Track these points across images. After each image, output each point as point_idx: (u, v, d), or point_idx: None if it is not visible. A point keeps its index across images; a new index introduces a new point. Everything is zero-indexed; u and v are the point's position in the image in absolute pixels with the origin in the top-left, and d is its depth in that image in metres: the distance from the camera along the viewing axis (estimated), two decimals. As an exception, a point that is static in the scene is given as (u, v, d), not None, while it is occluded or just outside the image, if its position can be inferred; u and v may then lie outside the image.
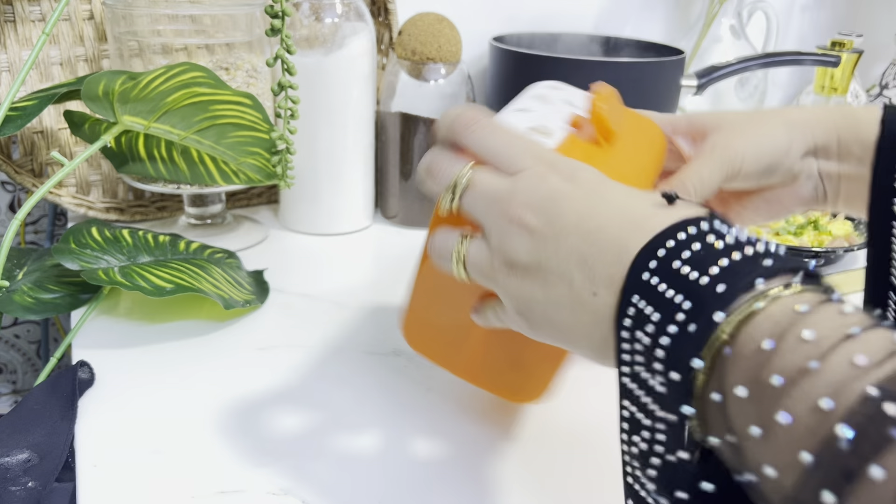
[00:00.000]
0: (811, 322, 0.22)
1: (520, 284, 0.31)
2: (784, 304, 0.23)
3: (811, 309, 0.23)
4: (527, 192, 0.31)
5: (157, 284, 0.50)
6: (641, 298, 0.26)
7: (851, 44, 0.96)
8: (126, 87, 0.51)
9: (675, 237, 0.26)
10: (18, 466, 0.39)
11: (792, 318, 0.23)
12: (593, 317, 0.29)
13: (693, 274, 0.25)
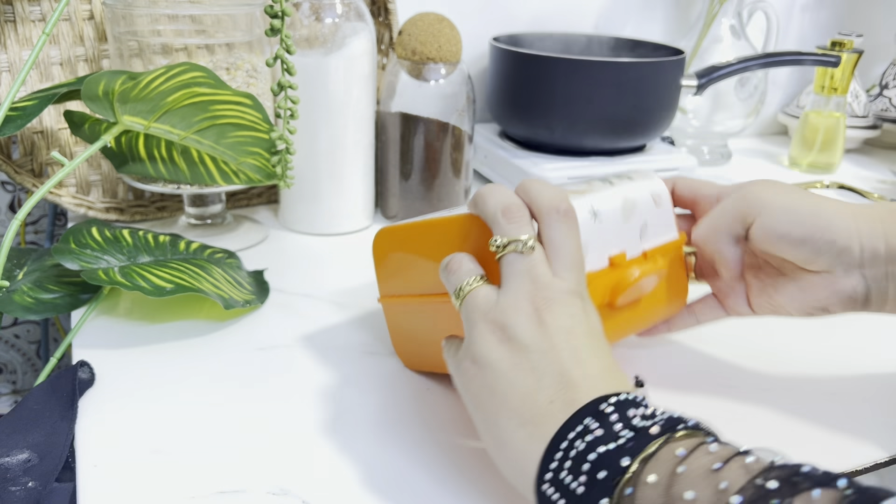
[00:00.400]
0: (686, 462, 0.28)
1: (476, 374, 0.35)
2: (668, 448, 0.29)
3: (686, 452, 0.29)
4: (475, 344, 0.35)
5: (157, 284, 0.50)
6: (594, 420, 0.31)
7: (851, 44, 0.96)
8: (126, 87, 0.51)
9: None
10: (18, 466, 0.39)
11: (673, 459, 0.29)
12: (543, 415, 0.33)
13: (642, 423, 0.31)
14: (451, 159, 0.71)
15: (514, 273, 0.36)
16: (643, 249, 0.44)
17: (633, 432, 0.30)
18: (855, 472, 0.42)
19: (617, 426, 0.30)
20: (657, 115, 0.81)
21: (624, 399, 0.32)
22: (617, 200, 0.43)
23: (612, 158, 0.82)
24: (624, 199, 0.43)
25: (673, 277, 0.47)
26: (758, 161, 1.05)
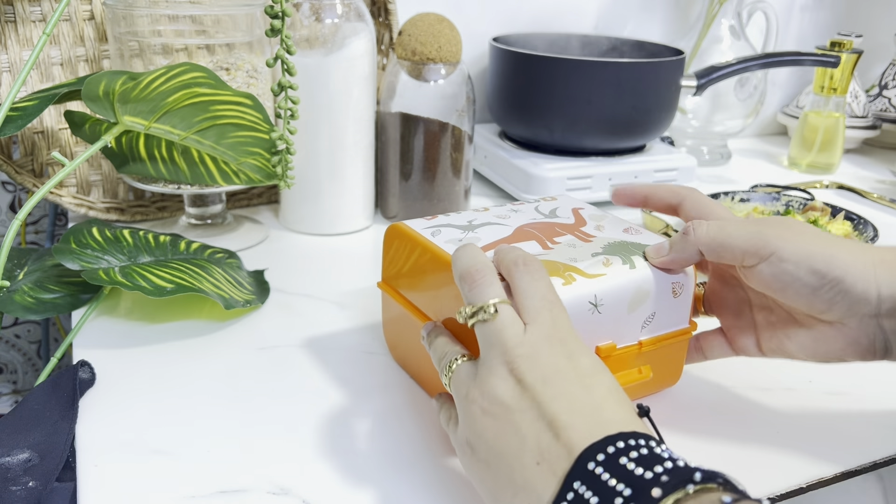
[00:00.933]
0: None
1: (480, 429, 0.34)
2: (711, 496, 0.27)
3: (732, 501, 0.26)
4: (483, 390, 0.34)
5: (158, 284, 0.51)
6: (583, 484, 0.29)
7: (851, 44, 0.97)
8: (126, 88, 0.51)
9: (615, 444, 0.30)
10: (19, 466, 0.39)
11: None
12: (533, 478, 0.31)
13: (638, 470, 0.28)
14: (451, 159, 0.72)
15: (486, 342, 0.35)
16: (640, 339, 0.43)
17: (632, 489, 0.28)
18: (855, 471, 0.42)
19: (612, 483, 0.28)
20: (657, 115, 0.81)
21: (615, 450, 0.29)
22: (628, 291, 0.41)
23: (611, 159, 0.82)
24: (637, 290, 0.41)
25: (667, 361, 0.45)
26: (757, 161, 1.05)
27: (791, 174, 1.00)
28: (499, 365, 0.34)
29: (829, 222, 0.72)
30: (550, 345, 0.34)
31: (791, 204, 0.76)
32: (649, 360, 0.43)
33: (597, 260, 0.42)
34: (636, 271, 0.41)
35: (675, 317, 0.44)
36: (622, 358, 0.42)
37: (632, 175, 0.81)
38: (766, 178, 0.97)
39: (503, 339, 0.34)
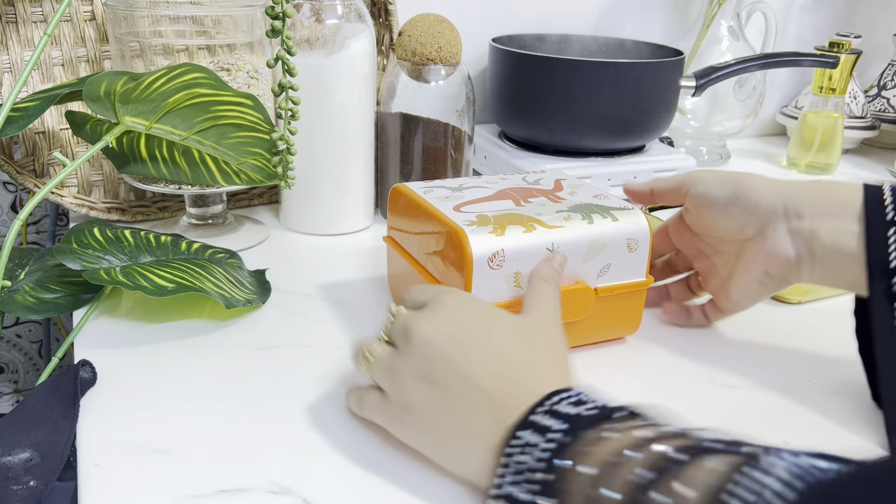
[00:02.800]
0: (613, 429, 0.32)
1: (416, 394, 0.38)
2: None
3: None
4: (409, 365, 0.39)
5: (159, 284, 0.51)
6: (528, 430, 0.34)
7: (850, 44, 0.97)
8: (127, 88, 0.51)
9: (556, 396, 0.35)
10: (20, 465, 0.40)
11: None
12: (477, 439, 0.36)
13: (572, 409, 0.34)
14: (451, 160, 0.72)
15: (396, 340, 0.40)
16: (596, 286, 0.49)
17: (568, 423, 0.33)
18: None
19: (550, 422, 0.33)
20: (656, 115, 0.82)
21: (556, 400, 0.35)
22: (584, 242, 0.48)
23: (611, 159, 0.82)
24: (592, 242, 0.48)
25: (626, 311, 0.52)
26: (756, 161, 1.05)
27: (790, 174, 1.00)
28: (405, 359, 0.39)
29: None
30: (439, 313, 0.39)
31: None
32: (606, 306, 0.50)
33: (559, 215, 0.49)
34: (593, 226, 0.48)
35: (631, 269, 0.50)
36: (580, 297, 0.48)
37: (631, 175, 0.81)
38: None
39: (403, 330, 0.40)
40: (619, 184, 0.81)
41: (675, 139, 1.00)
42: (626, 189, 0.55)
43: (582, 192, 0.53)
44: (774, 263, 0.48)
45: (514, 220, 0.47)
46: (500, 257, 0.46)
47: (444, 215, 0.48)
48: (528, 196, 0.52)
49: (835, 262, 0.46)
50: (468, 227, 0.46)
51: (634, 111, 0.79)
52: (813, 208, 0.46)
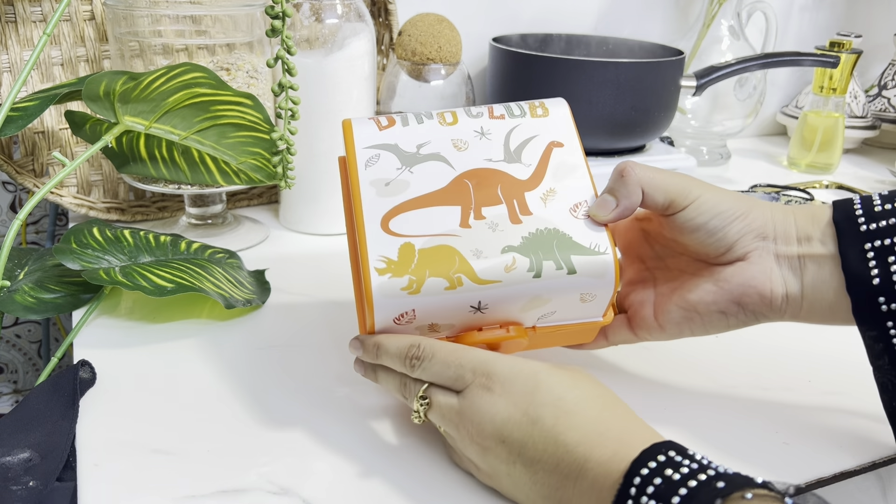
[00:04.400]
0: None
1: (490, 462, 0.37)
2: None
3: None
4: (477, 415, 0.36)
5: (159, 284, 0.51)
6: None
7: (850, 44, 0.97)
8: (127, 88, 0.51)
9: (639, 474, 0.30)
10: (20, 466, 0.40)
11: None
12: None
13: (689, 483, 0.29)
14: (451, 159, 0.72)
15: (442, 424, 0.39)
16: (534, 325, 0.42)
17: None
18: (854, 471, 0.42)
19: None
20: (656, 115, 0.82)
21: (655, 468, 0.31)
22: (522, 298, 0.40)
23: (611, 159, 0.82)
24: (533, 298, 0.40)
25: (572, 338, 0.45)
26: (757, 161, 1.05)
27: (790, 174, 1.00)
28: (469, 446, 0.37)
29: None
30: (487, 400, 0.36)
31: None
32: (548, 338, 0.44)
33: (501, 261, 0.39)
34: (539, 281, 0.39)
35: (583, 314, 0.42)
36: (512, 342, 0.42)
37: (631, 175, 0.81)
38: (766, 178, 0.97)
39: (450, 419, 0.38)
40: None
41: (675, 139, 0.99)
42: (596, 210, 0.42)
43: (561, 196, 0.42)
44: (754, 294, 0.41)
45: (441, 267, 0.39)
46: (410, 316, 0.39)
47: (365, 235, 0.40)
48: (486, 203, 0.41)
49: (824, 294, 0.40)
50: (378, 274, 0.38)
51: (635, 111, 0.79)
52: (799, 231, 0.41)
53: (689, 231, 0.42)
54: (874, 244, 0.38)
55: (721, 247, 0.41)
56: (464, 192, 0.41)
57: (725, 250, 0.41)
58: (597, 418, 0.34)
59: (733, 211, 0.41)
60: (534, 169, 0.42)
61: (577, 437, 0.33)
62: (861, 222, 0.39)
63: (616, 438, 0.33)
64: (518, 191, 0.42)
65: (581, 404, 0.35)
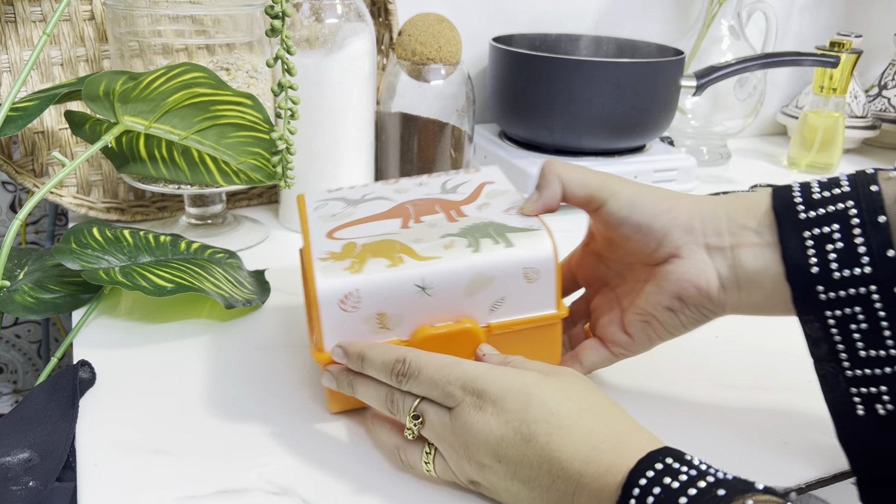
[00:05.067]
0: None
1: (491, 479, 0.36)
2: None
3: None
4: (470, 435, 0.36)
5: (158, 284, 0.51)
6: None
7: (850, 44, 0.97)
8: (127, 88, 0.51)
9: (637, 485, 0.30)
10: (19, 466, 0.39)
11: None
12: None
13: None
14: (451, 159, 0.72)
15: (434, 440, 0.38)
16: (489, 323, 0.42)
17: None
18: (853, 471, 0.42)
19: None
20: (656, 115, 0.81)
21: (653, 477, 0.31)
22: (465, 275, 0.40)
23: (611, 159, 0.82)
24: (477, 275, 0.40)
25: (537, 346, 0.44)
26: (757, 161, 1.05)
27: (791, 174, 1.00)
28: (463, 464, 0.37)
29: None
30: (477, 418, 0.36)
31: None
32: (509, 343, 0.43)
33: (440, 242, 0.41)
34: (478, 255, 0.40)
35: (533, 302, 0.42)
36: (464, 338, 0.41)
37: (632, 175, 0.81)
38: (766, 178, 0.97)
39: (443, 436, 0.37)
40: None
41: (675, 139, 0.99)
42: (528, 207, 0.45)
43: (496, 205, 0.45)
44: (691, 288, 0.41)
45: (382, 251, 0.41)
46: (355, 298, 0.39)
47: (310, 243, 0.43)
48: (425, 213, 0.45)
49: (762, 284, 0.40)
50: (322, 261, 0.41)
51: (635, 111, 0.79)
52: (731, 225, 0.40)
53: (616, 226, 0.42)
54: (813, 232, 0.38)
55: (652, 243, 0.42)
56: (404, 210, 0.46)
57: (657, 246, 0.42)
58: (591, 430, 0.34)
59: (657, 203, 0.42)
60: (467, 195, 0.47)
61: (570, 453, 0.33)
62: (800, 210, 0.39)
63: (611, 450, 0.33)
64: (455, 205, 0.46)
65: (574, 417, 0.34)
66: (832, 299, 0.37)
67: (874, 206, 0.36)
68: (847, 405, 0.38)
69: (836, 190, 0.38)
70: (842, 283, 0.37)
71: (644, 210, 0.42)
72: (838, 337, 0.38)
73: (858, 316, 0.37)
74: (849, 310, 0.37)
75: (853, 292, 0.36)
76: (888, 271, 0.36)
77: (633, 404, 0.47)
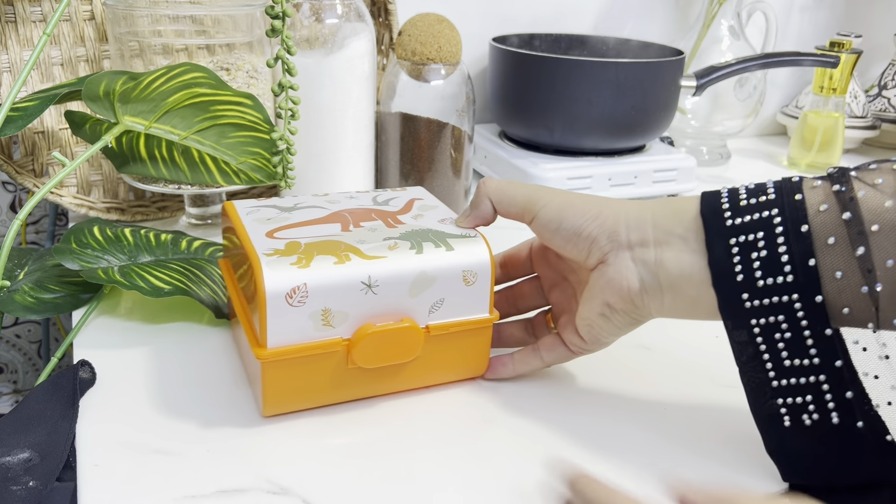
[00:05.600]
0: None
1: None
2: None
3: None
4: None
5: (156, 285, 0.51)
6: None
7: (850, 44, 0.97)
8: (127, 88, 0.51)
9: None
10: (19, 466, 0.40)
11: None
12: None
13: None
14: (451, 159, 0.72)
15: None
16: (428, 324, 0.44)
17: None
18: (853, 471, 0.42)
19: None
20: (656, 115, 0.82)
21: None
22: (409, 275, 0.42)
23: (611, 159, 0.82)
24: (419, 275, 0.42)
25: (468, 351, 0.46)
26: (757, 161, 1.05)
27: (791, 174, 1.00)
28: None
29: None
30: None
31: None
32: (443, 345, 0.45)
33: (384, 244, 0.43)
34: (421, 256, 0.42)
35: (470, 305, 0.45)
36: (406, 336, 0.43)
37: (632, 175, 0.81)
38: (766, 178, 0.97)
39: None
40: (620, 183, 0.81)
41: (675, 139, 0.99)
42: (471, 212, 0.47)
43: (429, 216, 0.48)
44: (615, 294, 0.41)
45: (327, 249, 0.42)
46: (302, 292, 0.40)
47: (250, 241, 0.43)
48: (364, 219, 0.47)
49: (685, 290, 0.40)
50: (268, 256, 0.41)
51: (635, 111, 0.79)
52: (656, 231, 0.41)
53: (550, 236, 0.44)
54: (738, 239, 0.38)
55: (583, 250, 0.42)
56: (342, 217, 0.47)
57: (587, 253, 0.42)
58: None
59: (584, 212, 0.42)
60: (400, 208, 0.49)
61: None
62: (727, 217, 0.39)
63: None
64: (390, 214, 0.48)
65: None
66: (756, 307, 0.37)
67: (798, 216, 0.37)
68: (774, 416, 0.38)
69: (762, 197, 0.38)
70: (765, 290, 0.37)
71: (572, 218, 0.42)
72: (763, 346, 0.38)
73: (782, 325, 0.37)
74: (773, 318, 0.37)
75: (776, 300, 0.37)
76: (809, 280, 0.36)
77: (633, 404, 0.47)
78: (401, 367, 0.44)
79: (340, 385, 0.43)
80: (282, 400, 0.43)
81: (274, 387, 0.42)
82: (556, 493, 0.34)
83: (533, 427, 0.44)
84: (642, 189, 0.82)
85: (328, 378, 0.43)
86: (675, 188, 0.84)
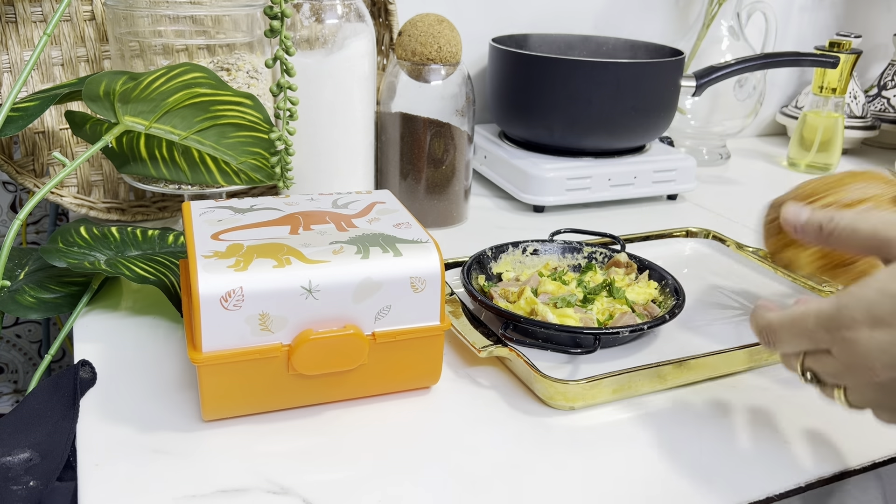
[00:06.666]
0: None
1: None
2: None
3: None
4: (863, 361, 0.34)
5: (140, 274, 0.52)
6: None
7: (850, 44, 0.97)
8: (127, 88, 0.51)
9: None
10: (20, 466, 0.40)
11: None
12: None
13: None
14: (451, 159, 0.72)
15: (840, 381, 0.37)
16: (374, 331, 0.43)
17: None
18: (854, 471, 0.42)
19: None
20: (656, 115, 0.82)
21: None
22: (353, 281, 0.41)
23: (611, 159, 0.82)
24: (364, 280, 0.41)
25: (418, 359, 0.45)
26: (756, 162, 1.05)
27: (790, 174, 1.00)
28: None
29: (630, 284, 0.58)
30: None
31: (594, 256, 0.62)
32: (391, 354, 0.43)
33: (329, 248, 0.42)
34: (367, 262, 0.41)
35: (418, 312, 0.43)
36: (348, 344, 0.41)
37: (631, 175, 0.81)
38: (766, 178, 0.97)
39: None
40: (620, 184, 0.81)
41: (675, 139, 0.99)
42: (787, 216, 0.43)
43: (386, 220, 0.47)
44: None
45: (269, 252, 0.41)
46: (238, 296, 0.39)
47: (193, 242, 0.42)
48: (316, 222, 0.46)
49: None
50: (206, 258, 0.40)
51: (634, 111, 0.79)
52: None
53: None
54: None
55: None
56: (294, 219, 0.46)
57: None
58: None
59: None
60: (358, 211, 0.48)
61: None
62: None
63: None
64: (345, 217, 0.47)
65: None
66: None
67: None
68: None
69: None
70: None
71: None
72: None
73: None
74: None
75: None
76: None
77: (632, 403, 0.47)
78: (346, 375, 0.43)
79: (283, 391, 0.43)
80: (221, 404, 0.42)
81: (212, 391, 0.41)
82: None
83: (516, 435, 0.44)
84: (642, 189, 0.82)
85: (268, 384, 0.42)
86: (675, 188, 0.84)
